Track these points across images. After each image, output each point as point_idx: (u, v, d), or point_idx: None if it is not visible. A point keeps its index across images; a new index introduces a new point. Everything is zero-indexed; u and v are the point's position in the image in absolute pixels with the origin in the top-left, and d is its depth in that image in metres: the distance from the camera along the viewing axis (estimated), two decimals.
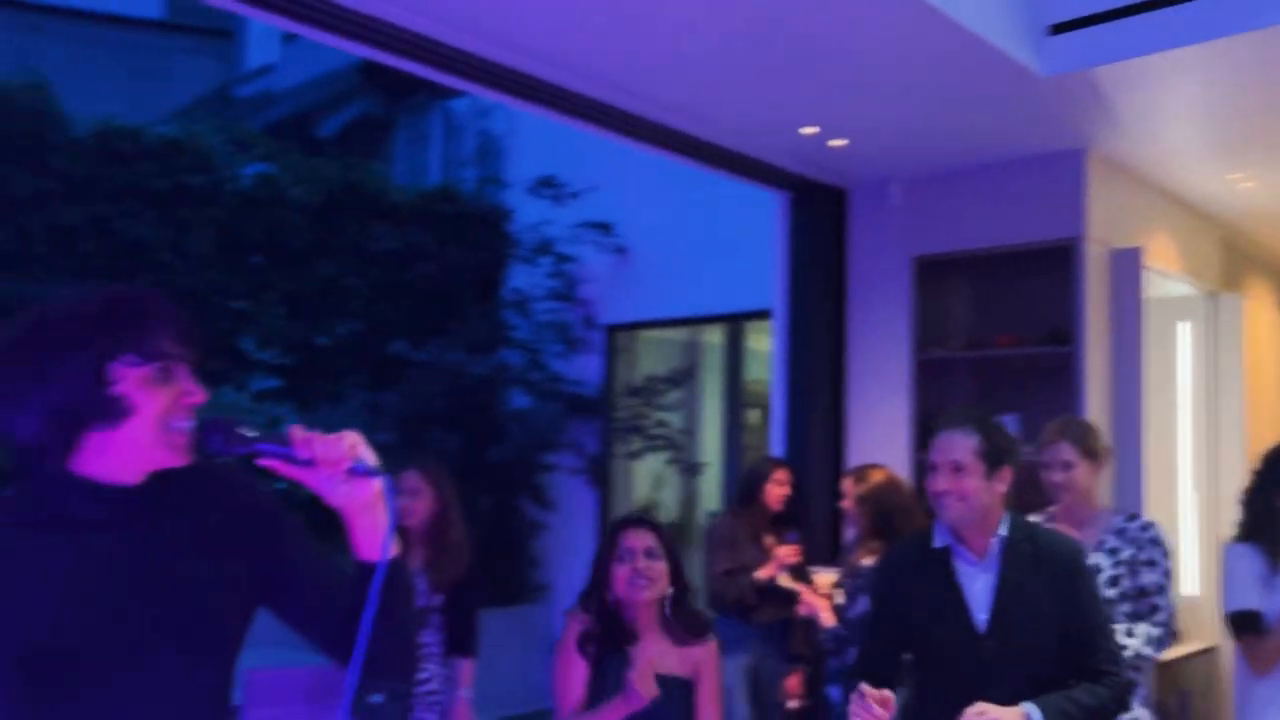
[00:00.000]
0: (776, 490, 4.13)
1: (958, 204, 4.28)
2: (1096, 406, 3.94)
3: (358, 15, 2.99)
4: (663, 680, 2.40)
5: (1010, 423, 4.12)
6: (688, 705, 2.47)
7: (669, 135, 4.01)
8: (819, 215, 4.59)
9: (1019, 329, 4.16)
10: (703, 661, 2.51)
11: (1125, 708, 2.30)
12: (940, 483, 2.29)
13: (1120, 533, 2.92)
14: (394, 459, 4.30)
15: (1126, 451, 4.02)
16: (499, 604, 6.81)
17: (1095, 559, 2.86)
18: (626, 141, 4.11)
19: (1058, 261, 3.99)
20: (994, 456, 2.28)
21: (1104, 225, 4.07)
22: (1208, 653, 4.61)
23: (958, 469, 2.27)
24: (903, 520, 3.31)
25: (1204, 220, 4.90)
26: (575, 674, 2.46)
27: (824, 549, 4.31)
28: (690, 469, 7.45)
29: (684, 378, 7.24)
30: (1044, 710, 2.15)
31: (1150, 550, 2.87)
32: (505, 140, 9.11)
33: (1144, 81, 3.32)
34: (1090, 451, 2.96)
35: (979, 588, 2.30)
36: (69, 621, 1.24)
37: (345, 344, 8.16)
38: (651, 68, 3.40)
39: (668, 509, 7.83)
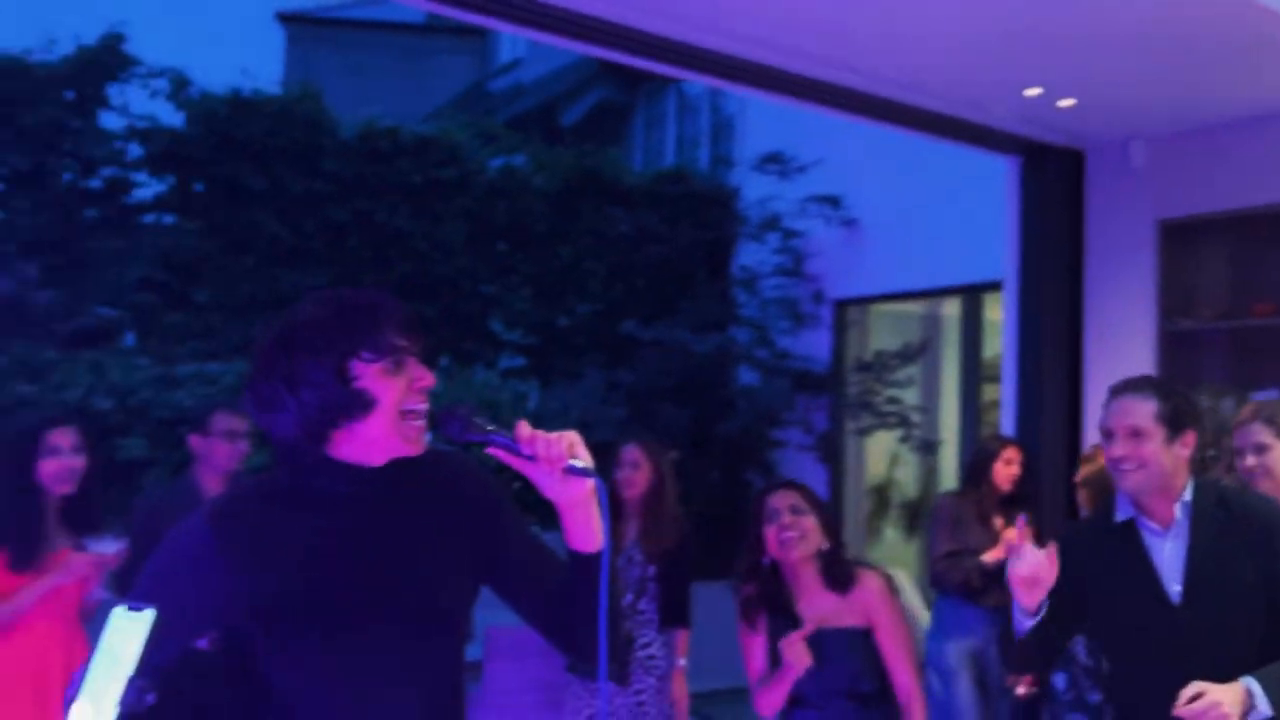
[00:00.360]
0: (1005, 470, 3.99)
1: (1207, 162, 3.94)
2: None
3: (588, 18, 3.16)
4: (835, 634, 2.44)
5: (1268, 399, 3.78)
6: (870, 652, 2.47)
7: (891, 108, 3.95)
8: (1052, 179, 4.36)
9: (1276, 297, 3.79)
10: (873, 606, 2.50)
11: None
12: (1117, 449, 2.20)
13: None
14: (622, 434, 4.52)
15: None
16: (722, 577, 6.96)
17: None
18: (850, 117, 4.10)
19: None
20: (1175, 420, 2.18)
21: None
22: None
23: (1136, 434, 2.18)
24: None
25: None
26: (754, 646, 2.53)
27: (1056, 532, 4.12)
28: (925, 447, 7.26)
29: (916, 352, 7.05)
30: (1264, 684, 2.01)
31: None
32: (735, 119, 9.18)
33: None
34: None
35: (1169, 557, 2.20)
36: (313, 582, 1.41)
37: (584, 324, 8.55)
38: (869, 42, 3.37)
39: (904, 488, 7.70)
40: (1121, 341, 4.20)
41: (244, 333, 7.14)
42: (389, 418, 1.43)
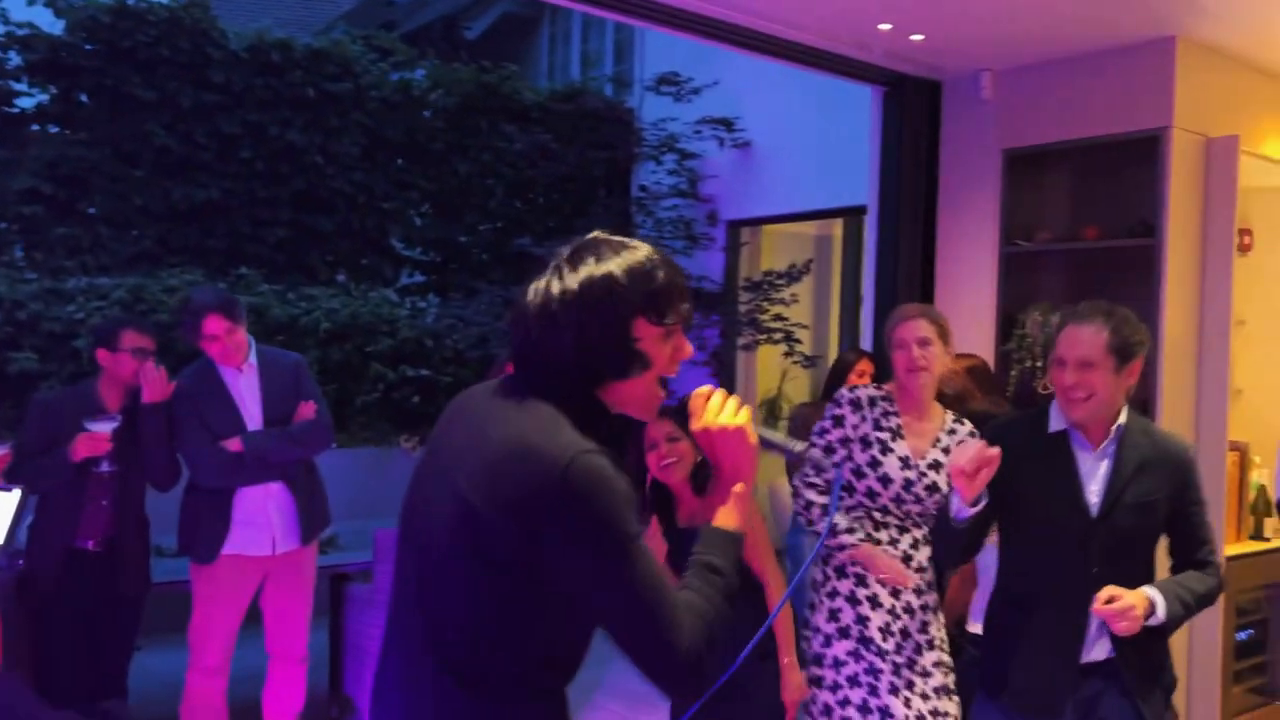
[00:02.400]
0: (858, 381, 4.30)
1: (1048, 96, 4.24)
2: (1178, 298, 3.92)
3: None
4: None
5: None
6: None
7: (763, 40, 4.13)
8: (911, 109, 4.62)
9: (1107, 221, 4.13)
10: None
11: (1215, 597, 2.39)
12: (1068, 377, 2.26)
13: (951, 432, 2.95)
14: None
15: (1211, 343, 4.00)
16: None
17: (934, 455, 2.89)
18: (728, 48, 4.26)
19: (1146, 152, 3.93)
20: (1124, 351, 2.26)
21: (1197, 114, 3.97)
22: None
23: (1086, 365, 2.25)
24: (956, 407, 3.46)
25: None
26: (657, 541, 2.83)
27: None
28: (807, 361, 7.62)
29: (801, 272, 7.36)
30: (1163, 594, 2.23)
31: None
32: (635, 39, 9.24)
33: None
34: (945, 333, 2.93)
35: (1093, 472, 2.33)
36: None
37: (484, 241, 8.64)
38: None
39: (793, 400, 8.06)
40: (969, 261, 4.53)
41: (135, 246, 7.10)
42: (651, 380, 1.47)
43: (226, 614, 3.65)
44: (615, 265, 1.44)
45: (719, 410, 1.50)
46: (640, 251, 1.47)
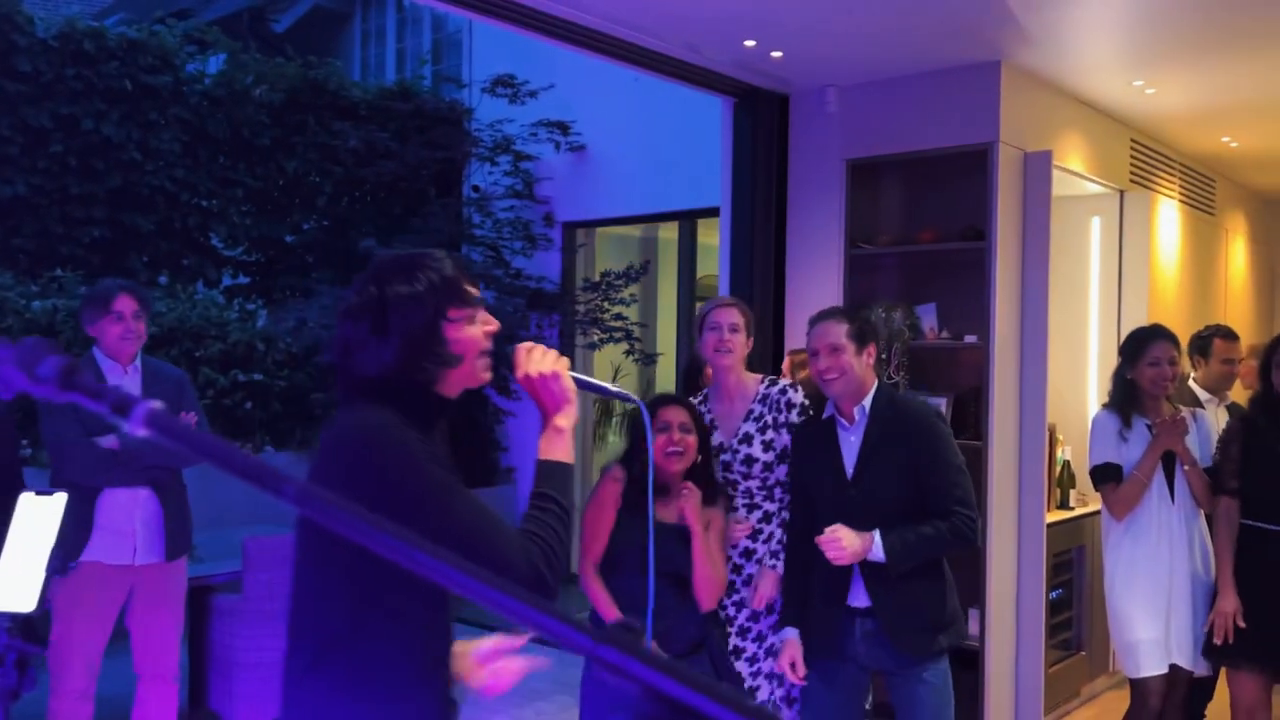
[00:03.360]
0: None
1: (887, 111, 4.63)
2: (1005, 296, 4.38)
3: None
4: (679, 530, 2.81)
5: (928, 311, 4.57)
6: (687, 545, 2.83)
7: (618, 46, 4.28)
8: (761, 119, 4.92)
9: (940, 226, 4.56)
10: (712, 520, 2.89)
11: (968, 541, 2.77)
12: (822, 363, 2.80)
13: (764, 399, 3.22)
14: None
15: (1033, 336, 4.49)
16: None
17: (745, 428, 3.14)
18: (580, 52, 4.39)
19: (975, 164, 4.38)
20: (861, 336, 2.82)
21: (1018, 130, 4.45)
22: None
23: (834, 350, 2.79)
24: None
25: (1114, 123, 5.28)
26: (605, 524, 2.84)
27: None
28: (646, 359, 7.88)
29: (639, 273, 7.61)
30: (885, 535, 2.68)
31: (787, 413, 3.12)
32: (463, 37, 9.23)
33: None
34: (750, 325, 3.20)
35: (849, 445, 2.85)
36: None
37: (312, 241, 8.41)
38: None
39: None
40: (816, 264, 4.87)
41: None
42: (471, 363, 1.63)
43: (89, 631, 3.49)
44: (411, 279, 1.60)
45: (540, 359, 1.68)
46: (423, 256, 1.64)
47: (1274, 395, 3.37)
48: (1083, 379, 5.51)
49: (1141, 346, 3.52)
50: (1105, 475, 3.47)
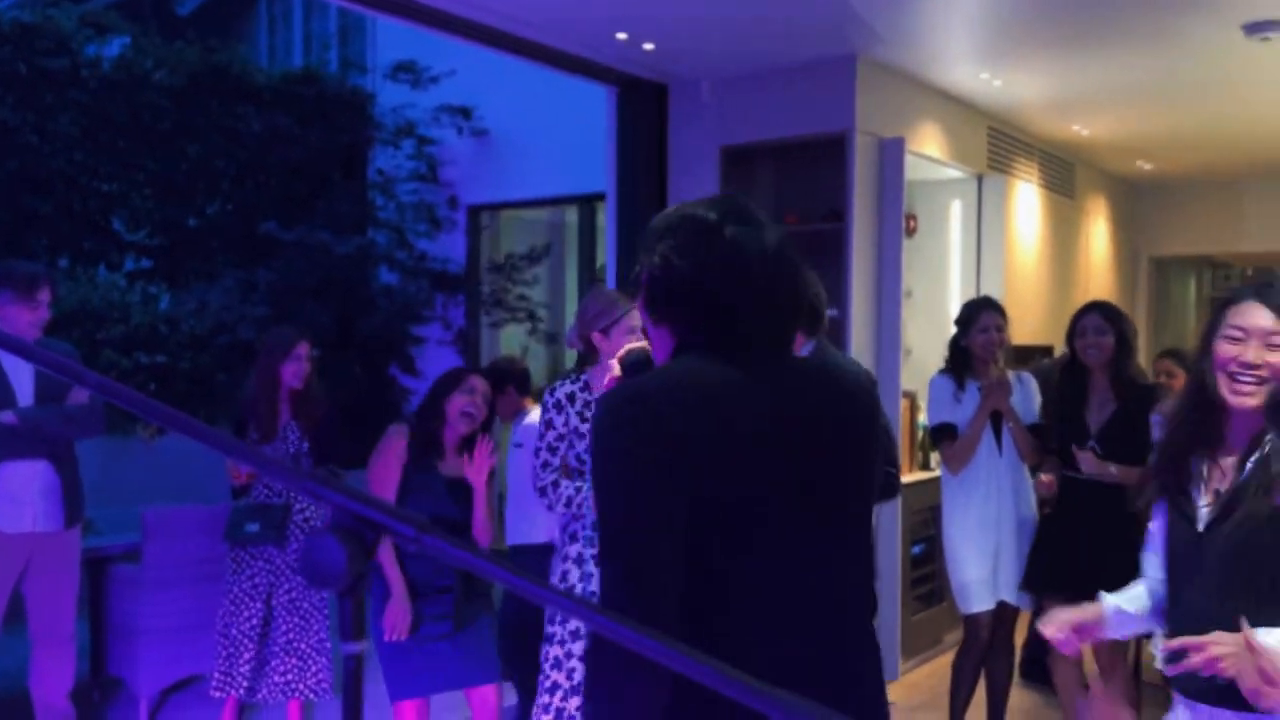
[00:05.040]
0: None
1: (756, 101, 4.95)
2: (862, 273, 4.75)
3: None
4: (460, 484, 3.15)
5: None
6: (468, 496, 3.21)
7: (504, 38, 4.53)
8: (643, 109, 5.21)
9: (804, 209, 4.90)
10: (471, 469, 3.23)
11: (891, 495, 2.97)
12: None
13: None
14: (261, 332, 4.83)
15: (888, 313, 4.87)
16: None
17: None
18: (471, 43, 4.62)
19: (835, 150, 4.73)
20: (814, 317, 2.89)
21: (874, 119, 4.81)
22: None
23: None
24: None
25: (972, 112, 5.69)
26: (393, 479, 3.15)
27: None
28: (550, 338, 8.15)
29: (541, 255, 7.86)
30: None
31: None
32: (367, 24, 9.33)
33: None
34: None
35: None
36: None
37: (215, 224, 8.48)
38: None
39: (535, 377, 8.52)
40: None
41: None
42: None
43: None
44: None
45: None
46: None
47: (1077, 362, 3.77)
48: (943, 350, 5.92)
49: (973, 316, 3.89)
50: (941, 434, 3.84)
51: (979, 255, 5.86)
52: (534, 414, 3.45)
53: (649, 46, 4.62)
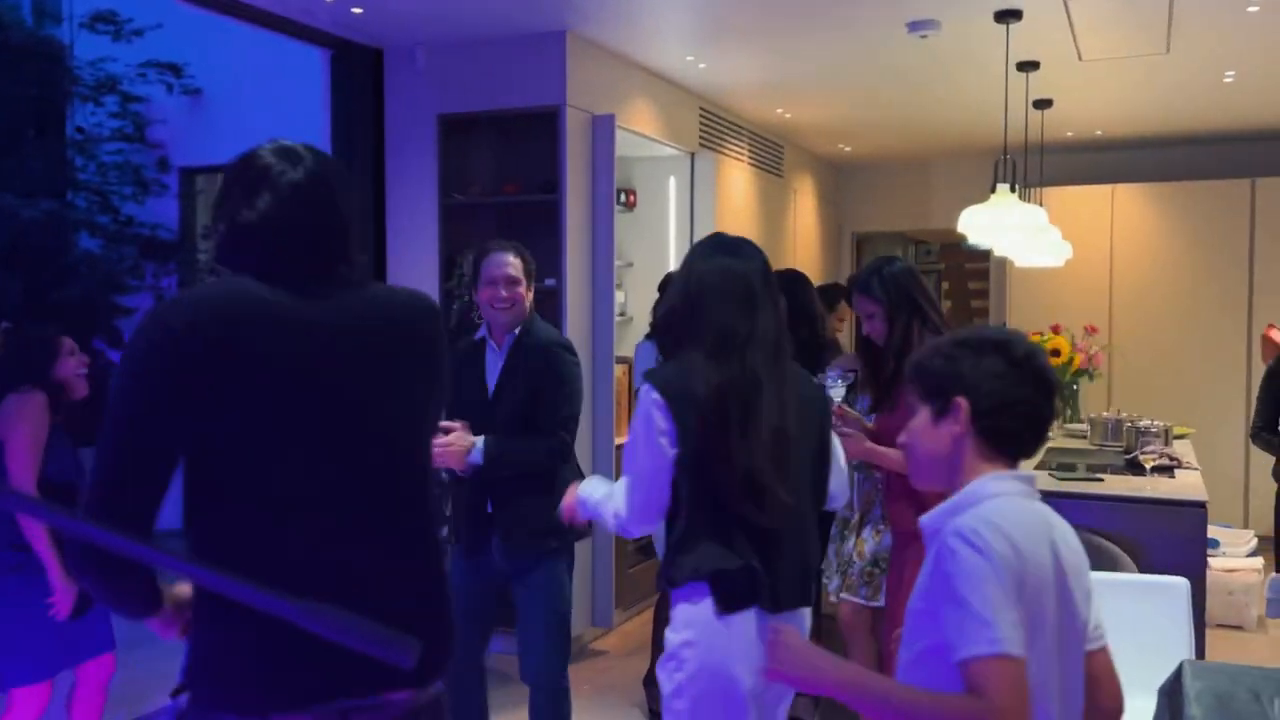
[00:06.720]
0: None
1: (472, 70, 4.99)
2: (576, 243, 4.92)
3: None
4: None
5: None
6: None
7: None
8: (357, 74, 5.12)
9: (522, 179, 5.01)
10: None
11: (562, 459, 3.12)
12: (503, 291, 3.04)
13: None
14: None
15: (602, 281, 5.07)
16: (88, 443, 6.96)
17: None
18: (181, 4, 4.38)
19: (548, 124, 4.85)
20: (530, 273, 3.13)
21: (585, 95, 4.97)
22: None
23: (513, 282, 3.04)
24: None
25: (683, 92, 5.99)
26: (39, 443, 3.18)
27: None
28: None
29: None
30: (487, 444, 3.01)
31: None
32: None
33: None
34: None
35: (492, 368, 3.14)
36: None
37: None
38: None
39: None
40: (414, 212, 5.17)
41: None
42: None
43: None
44: None
45: None
46: None
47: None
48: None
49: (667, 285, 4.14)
50: None
51: (691, 229, 6.19)
52: None
53: (358, 10, 4.55)
